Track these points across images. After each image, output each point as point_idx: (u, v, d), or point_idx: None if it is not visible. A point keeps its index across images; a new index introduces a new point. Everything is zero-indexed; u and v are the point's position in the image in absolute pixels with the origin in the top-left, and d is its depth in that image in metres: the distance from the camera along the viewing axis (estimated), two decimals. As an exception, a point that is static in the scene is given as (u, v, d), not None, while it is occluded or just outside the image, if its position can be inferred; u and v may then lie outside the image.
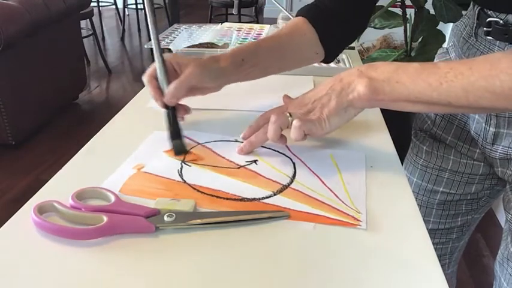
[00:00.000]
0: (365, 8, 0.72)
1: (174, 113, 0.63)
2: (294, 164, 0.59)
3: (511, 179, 0.67)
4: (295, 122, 0.54)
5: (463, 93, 0.47)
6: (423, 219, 0.81)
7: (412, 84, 0.49)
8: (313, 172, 0.57)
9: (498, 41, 0.60)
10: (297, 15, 0.72)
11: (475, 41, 0.65)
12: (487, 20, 0.60)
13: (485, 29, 0.61)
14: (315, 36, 0.69)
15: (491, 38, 0.61)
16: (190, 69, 0.61)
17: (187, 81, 0.61)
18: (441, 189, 0.79)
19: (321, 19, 0.70)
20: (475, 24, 0.64)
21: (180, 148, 0.61)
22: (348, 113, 0.55)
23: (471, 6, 0.67)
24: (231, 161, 0.60)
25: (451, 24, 2.33)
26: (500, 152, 0.65)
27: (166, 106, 0.63)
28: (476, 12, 0.63)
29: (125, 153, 0.60)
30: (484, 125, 0.65)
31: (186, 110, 0.65)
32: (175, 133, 0.62)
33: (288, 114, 0.56)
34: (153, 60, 0.64)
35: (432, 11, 1.76)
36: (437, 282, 0.40)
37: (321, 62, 0.75)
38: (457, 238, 0.85)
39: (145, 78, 0.63)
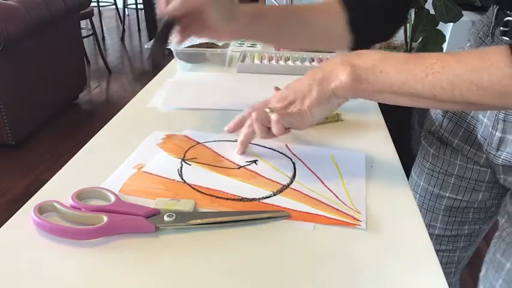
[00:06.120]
0: (401, 3, 0.68)
1: (170, 26, 0.58)
2: (293, 164, 0.59)
3: (510, 185, 0.65)
4: (273, 117, 0.53)
5: (449, 86, 0.45)
6: (429, 224, 0.81)
7: (397, 74, 0.47)
8: (313, 172, 0.57)
9: None
10: None
11: (491, 41, 0.62)
12: (505, 19, 0.58)
13: (501, 28, 0.59)
14: (342, 15, 0.65)
15: (507, 38, 0.58)
16: None
17: (193, 1, 0.56)
18: (447, 194, 0.77)
19: (352, 2, 0.65)
20: (492, 24, 0.62)
21: (156, 52, 0.58)
22: (331, 103, 0.53)
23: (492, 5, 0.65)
24: (231, 161, 0.60)
25: (451, 24, 2.33)
26: (503, 159, 0.63)
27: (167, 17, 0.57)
28: (495, 11, 0.61)
29: (125, 153, 0.60)
30: (490, 129, 0.63)
31: (181, 40, 0.61)
32: (160, 40, 0.57)
33: (268, 110, 0.55)
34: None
35: (432, 11, 1.76)
36: (437, 281, 0.40)
37: (351, 49, 0.69)
38: (464, 247, 0.84)
39: None
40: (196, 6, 0.57)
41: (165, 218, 0.46)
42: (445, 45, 2.28)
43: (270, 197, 0.52)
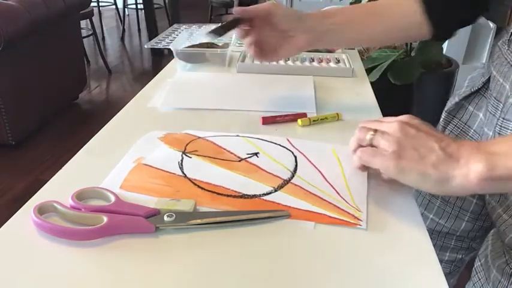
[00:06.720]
0: None
1: (236, 22, 0.66)
2: (295, 157, 0.59)
3: (492, 212, 0.63)
4: (363, 155, 0.50)
5: None
6: None
7: None
8: (314, 166, 0.57)
9: None
10: None
11: (507, 49, 0.59)
12: None
13: None
14: (417, 5, 0.63)
15: None
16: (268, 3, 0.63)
17: (261, 7, 0.63)
18: (431, 216, 0.77)
19: None
20: (511, 30, 0.60)
21: (215, 34, 0.66)
22: (430, 185, 0.45)
23: None
24: (232, 153, 0.59)
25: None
26: None
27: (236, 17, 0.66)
28: None
29: (125, 154, 0.60)
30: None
31: (242, 34, 0.67)
32: (223, 28, 0.66)
33: (371, 134, 0.50)
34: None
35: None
36: (437, 281, 0.40)
37: (434, 39, 0.67)
38: (444, 274, 0.82)
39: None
40: (265, 11, 0.63)
41: (165, 218, 0.46)
42: (445, 45, 2.28)
43: (270, 193, 0.52)
